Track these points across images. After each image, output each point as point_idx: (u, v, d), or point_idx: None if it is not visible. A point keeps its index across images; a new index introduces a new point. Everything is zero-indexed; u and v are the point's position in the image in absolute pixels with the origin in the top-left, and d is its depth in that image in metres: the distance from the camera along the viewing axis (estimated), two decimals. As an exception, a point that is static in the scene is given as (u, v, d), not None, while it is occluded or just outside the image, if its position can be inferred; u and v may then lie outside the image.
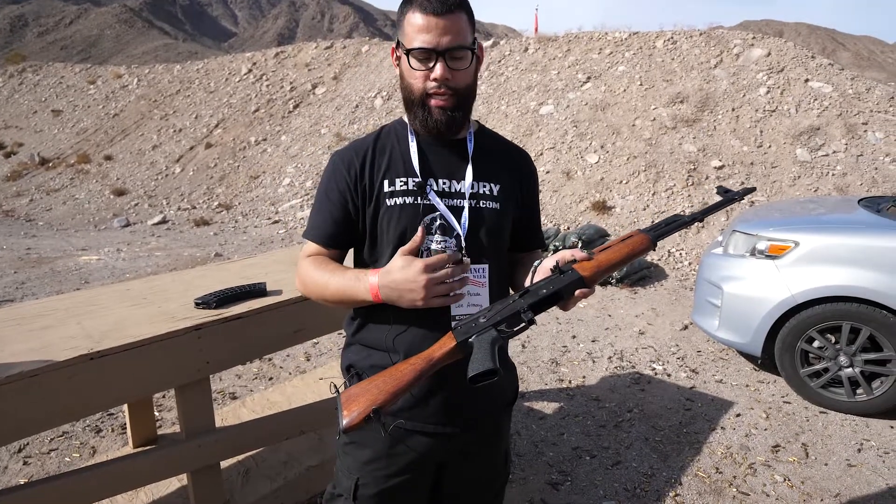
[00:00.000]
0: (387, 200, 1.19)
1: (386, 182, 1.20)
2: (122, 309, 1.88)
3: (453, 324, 1.11)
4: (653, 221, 7.08)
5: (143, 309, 1.88)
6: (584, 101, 9.61)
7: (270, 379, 3.72)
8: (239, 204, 10.78)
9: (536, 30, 13.84)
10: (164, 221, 10.36)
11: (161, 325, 1.72)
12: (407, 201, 1.18)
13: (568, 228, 7.36)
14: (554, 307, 1.12)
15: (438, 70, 1.13)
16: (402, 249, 1.08)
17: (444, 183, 1.21)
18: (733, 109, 8.46)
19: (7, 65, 20.76)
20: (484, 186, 1.23)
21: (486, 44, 12.51)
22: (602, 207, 7.53)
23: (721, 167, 7.65)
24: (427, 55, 1.12)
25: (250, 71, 15.07)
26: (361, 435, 1.23)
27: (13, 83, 18.68)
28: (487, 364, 1.00)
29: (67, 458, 2.79)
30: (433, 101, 1.16)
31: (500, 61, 11.70)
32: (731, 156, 7.80)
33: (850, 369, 3.19)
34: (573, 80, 10.24)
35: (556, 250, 6.04)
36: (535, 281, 1.12)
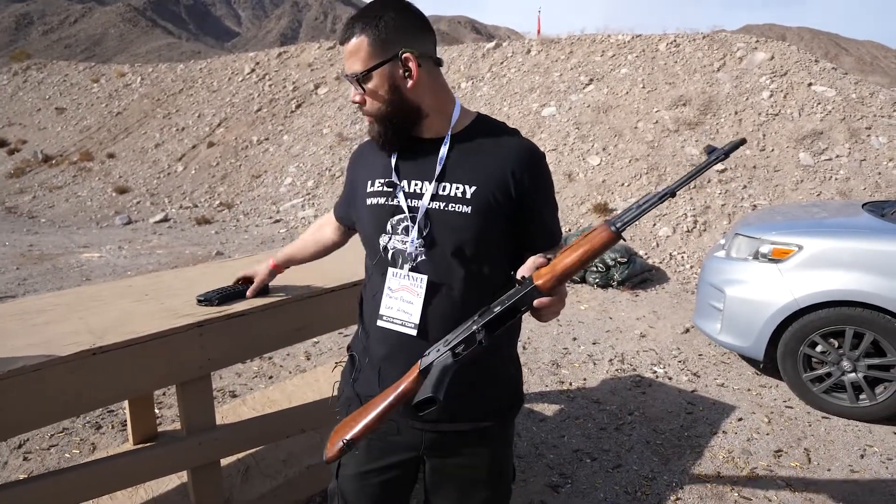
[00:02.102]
0: (366, 200, 1.26)
1: (368, 182, 1.26)
2: (124, 305, 1.87)
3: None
4: (654, 224, 7.09)
5: (145, 305, 1.87)
6: (587, 103, 9.60)
7: (270, 377, 3.71)
8: (240, 203, 10.78)
9: (539, 32, 13.84)
10: (165, 219, 10.36)
11: (163, 321, 1.72)
12: (380, 202, 1.23)
13: (569, 230, 7.35)
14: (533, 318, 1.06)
15: (352, 94, 1.21)
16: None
17: (416, 184, 1.21)
18: (736, 113, 8.45)
19: (11, 63, 20.76)
20: (456, 188, 1.17)
21: (488, 45, 12.51)
22: (604, 210, 7.52)
23: (723, 170, 7.64)
24: (348, 80, 1.21)
25: (253, 70, 15.08)
26: (346, 414, 1.27)
27: (17, 81, 18.69)
28: (427, 392, 0.98)
29: (67, 455, 2.79)
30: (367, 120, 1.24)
31: (502, 63, 11.70)
32: (734, 159, 7.78)
33: (853, 374, 3.18)
34: (575, 82, 10.24)
35: None
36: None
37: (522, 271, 1.04)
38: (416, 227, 1.17)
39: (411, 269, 1.18)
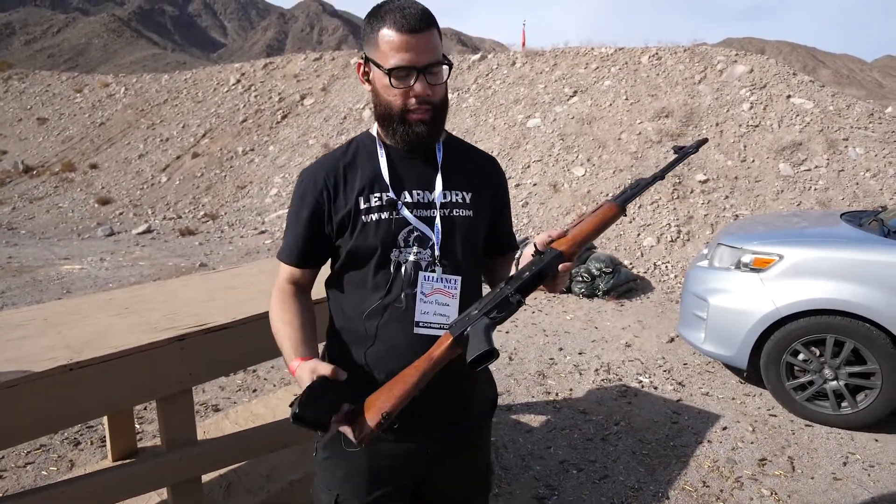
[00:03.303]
0: (363, 217, 1.20)
1: (361, 199, 1.21)
2: (104, 319, 1.85)
3: (449, 322, 1.16)
4: (638, 235, 7.16)
5: (125, 319, 1.84)
6: (571, 114, 9.70)
7: (254, 391, 3.66)
8: (225, 214, 10.71)
9: (524, 44, 13.97)
10: (148, 231, 10.24)
11: (143, 335, 1.69)
12: (382, 217, 1.19)
13: (555, 241, 7.39)
14: (552, 297, 1.15)
15: (419, 87, 1.14)
16: (312, 368, 1.09)
17: (417, 194, 1.22)
18: (717, 124, 8.59)
19: (-8, 72, 20.49)
20: (456, 195, 1.25)
21: (473, 57, 12.61)
22: (589, 220, 7.57)
23: (706, 181, 7.74)
24: (407, 73, 1.13)
25: (238, 81, 15.04)
26: (340, 449, 1.20)
27: (-2, 90, 18.46)
28: (483, 347, 1.04)
29: (44, 472, 2.72)
30: (413, 116, 1.16)
31: (487, 75, 11.79)
32: (716, 170, 7.90)
33: (834, 382, 3.21)
34: (560, 93, 10.35)
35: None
36: (520, 268, 1.17)
37: (538, 246, 1.15)
38: (438, 233, 1.20)
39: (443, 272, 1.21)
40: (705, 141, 1.35)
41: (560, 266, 1.12)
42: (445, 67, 1.18)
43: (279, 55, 17.67)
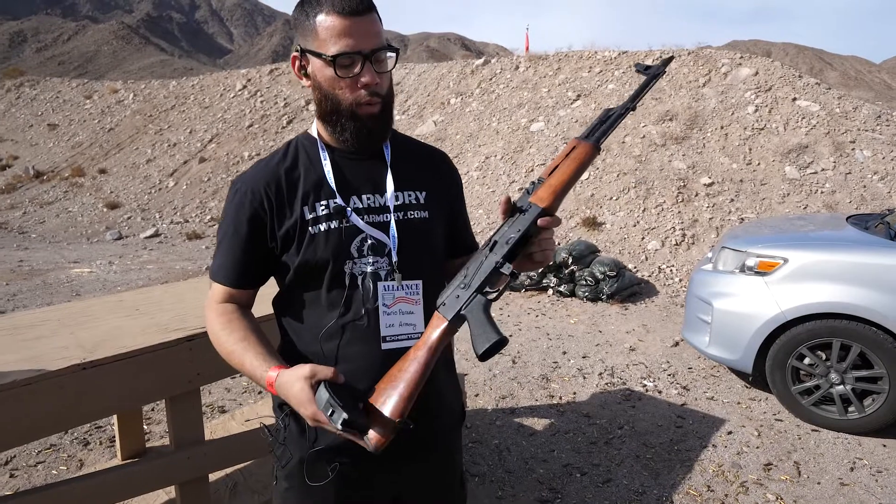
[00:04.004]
0: (310, 229, 1.09)
1: (306, 209, 1.10)
2: (115, 320, 1.88)
3: (438, 301, 1.06)
4: (643, 238, 7.15)
5: (136, 320, 1.88)
6: (575, 118, 9.71)
7: (259, 393, 3.69)
8: (232, 218, 10.78)
9: (527, 48, 14.01)
10: (156, 235, 10.33)
11: (153, 336, 1.73)
12: (331, 226, 1.09)
13: (559, 244, 7.39)
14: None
15: (368, 76, 1.04)
16: (308, 374, 0.97)
17: (368, 198, 1.13)
18: (722, 127, 8.58)
19: (5, 79, 20.75)
20: (409, 196, 1.16)
21: (477, 62, 12.66)
22: (592, 223, 7.58)
23: (710, 184, 7.73)
24: (352, 60, 1.03)
25: (245, 87, 15.16)
26: (302, 480, 1.12)
27: (10, 97, 18.70)
28: (492, 336, 0.97)
29: (55, 471, 2.76)
30: (363, 111, 1.07)
31: (491, 79, 11.83)
32: (721, 173, 7.89)
33: (841, 387, 3.20)
34: (563, 97, 10.36)
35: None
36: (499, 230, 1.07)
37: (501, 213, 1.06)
38: (394, 239, 1.11)
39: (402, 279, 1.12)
40: (671, 59, 1.22)
41: (540, 220, 1.01)
42: (392, 55, 1.09)
43: (285, 61, 17.80)
